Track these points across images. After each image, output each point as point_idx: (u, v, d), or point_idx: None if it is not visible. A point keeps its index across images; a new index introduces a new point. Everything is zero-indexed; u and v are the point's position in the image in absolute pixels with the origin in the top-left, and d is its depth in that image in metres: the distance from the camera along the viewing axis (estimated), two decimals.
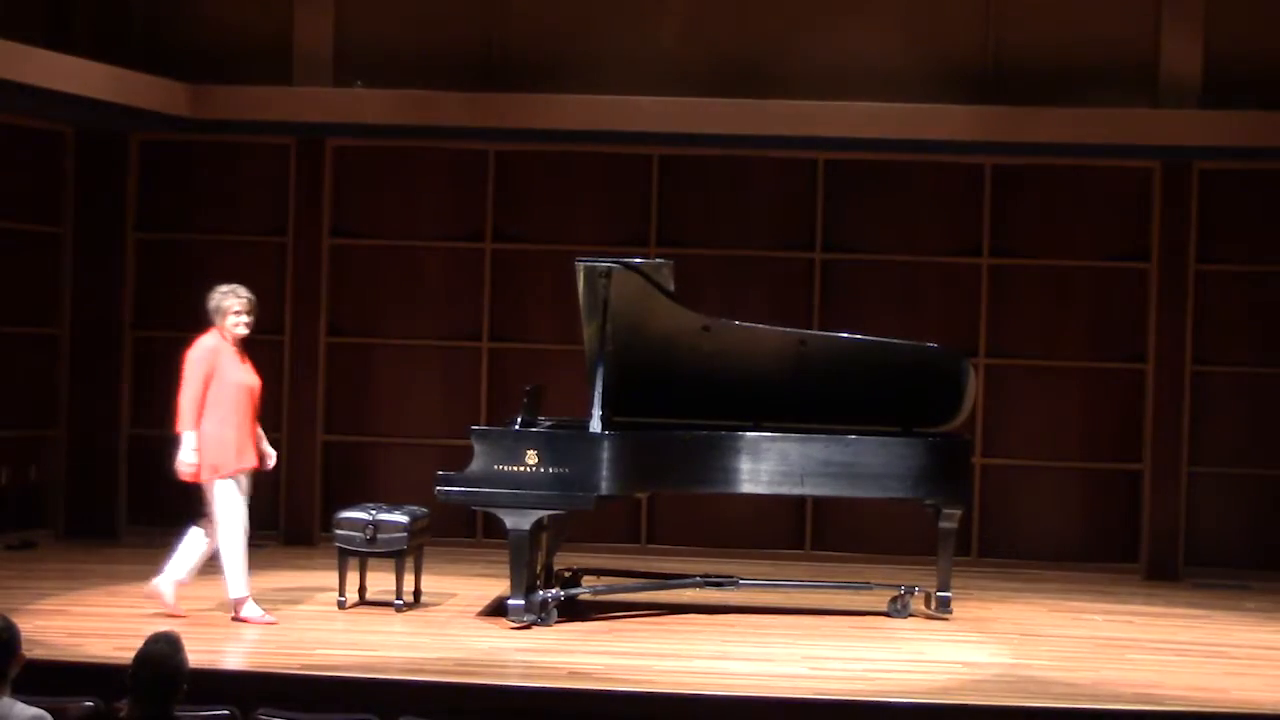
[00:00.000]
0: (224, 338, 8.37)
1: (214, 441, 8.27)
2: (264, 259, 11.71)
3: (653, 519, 11.58)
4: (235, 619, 8.38)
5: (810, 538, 11.48)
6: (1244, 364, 11.41)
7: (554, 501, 8.44)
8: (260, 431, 8.53)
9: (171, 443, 11.58)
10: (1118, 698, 7.23)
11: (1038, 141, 11.18)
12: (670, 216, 11.65)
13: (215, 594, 9.29)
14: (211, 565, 8.50)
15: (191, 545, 8.54)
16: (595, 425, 8.46)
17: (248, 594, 8.43)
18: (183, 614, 8.34)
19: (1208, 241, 11.38)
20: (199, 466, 8.27)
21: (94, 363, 11.60)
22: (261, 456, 8.50)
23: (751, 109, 11.20)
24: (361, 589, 8.96)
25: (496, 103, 11.35)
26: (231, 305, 8.36)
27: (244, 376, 8.39)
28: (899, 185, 11.60)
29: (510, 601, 8.41)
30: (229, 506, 8.32)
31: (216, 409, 8.26)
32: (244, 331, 8.39)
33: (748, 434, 8.86)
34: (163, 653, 4.60)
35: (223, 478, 8.30)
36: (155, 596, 8.47)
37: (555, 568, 9.47)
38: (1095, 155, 11.32)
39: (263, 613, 8.43)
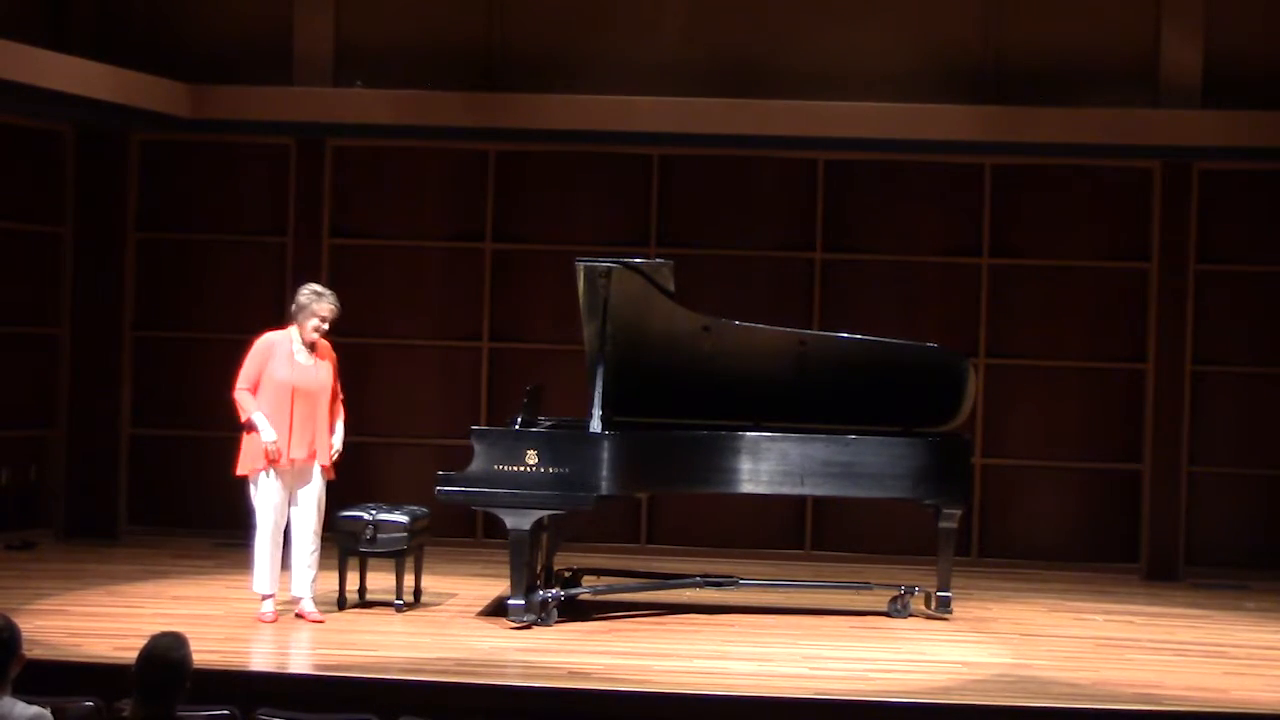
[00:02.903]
0: (301, 335, 8.49)
1: (248, 440, 8.39)
2: (264, 259, 11.72)
3: (653, 519, 11.58)
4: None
5: (810, 538, 11.49)
6: (1244, 364, 11.41)
7: (554, 501, 8.43)
8: (323, 429, 8.49)
9: (173, 443, 11.68)
10: (1118, 698, 7.22)
11: (1038, 141, 11.18)
12: (670, 216, 11.65)
13: (214, 593, 9.31)
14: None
15: (295, 554, 8.57)
16: (595, 425, 8.45)
17: (269, 592, 8.45)
18: (321, 619, 8.50)
19: (1208, 241, 11.39)
20: (247, 455, 8.39)
21: (94, 363, 11.60)
22: (316, 453, 8.46)
23: (752, 109, 11.19)
24: (361, 589, 8.96)
25: (496, 103, 11.34)
26: (321, 310, 8.49)
27: (294, 375, 8.43)
28: (899, 185, 11.60)
29: (510, 601, 8.41)
30: (260, 503, 8.40)
31: (263, 406, 8.36)
32: (317, 336, 8.52)
33: (748, 434, 8.85)
34: (168, 648, 4.60)
35: (254, 475, 8.39)
36: (304, 617, 8.51)
37: (555, 568, 9.47)
38: (1095, 155, 11.33)
39: (270, 612, 8.44)
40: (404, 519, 8.84)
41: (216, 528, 11.42)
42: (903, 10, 11.58)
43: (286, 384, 8.41)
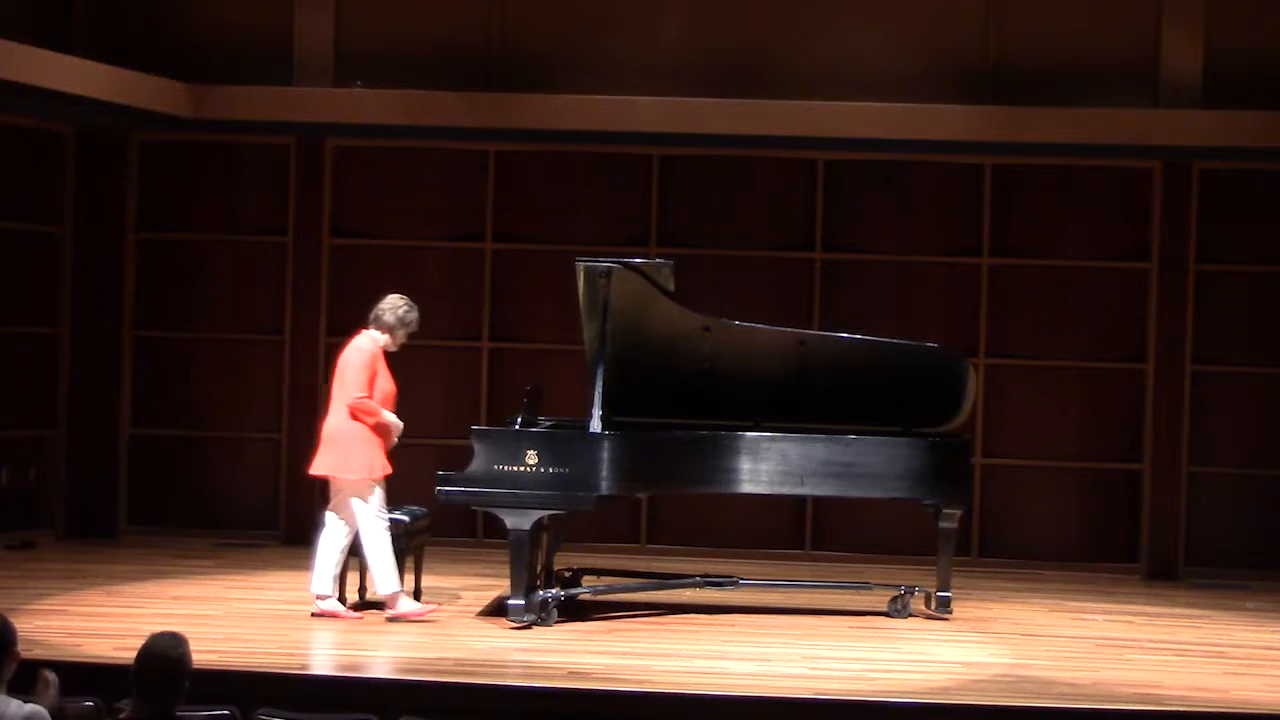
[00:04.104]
0: (389, 345, 8.64)
1: (370, 443, 8.49)
2: (264, 259, 11.71)
3: (653, 519, 11.57)
4: (392, 618, 8.48)
5: (810, 538, 11.48)
6: (1244, 364, 11.41)
7: (554, 501, 8.43)
8: None
9: (173, 443, 11.67)
10: (1118, 698, 7.22)
11: (1038, 141, 11.17)
12: (670, 216, 11.65)
13: (214, 593, 9.31)
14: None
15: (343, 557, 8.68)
16: (595, 425, 8.45)
17: (402, 589, 8.57)
18: (359, 616, 8.64)
19: (1208, 241, 11.38)
20: (358, 462, 8.49)
21: (94, 363, 11.59)
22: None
23: (751, 109, 11.19)
24: (361, 589, 8.96)
25: (496, 103, 11.34)
26: (414, 323, 8.70)
27: (391, 384, 8.66)
28: (899, 185, 11.59)
29: (510, 601, 8.41)
30: (375, 507, 8.50)
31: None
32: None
33: (748, 434, 8.85)
34: (167, 647, 4.59)
35: (374, 480, 8.48)
36: (326, 615, 8.58)
37: (555, 568, 9.47)
38: (1095, 155, 11.32)
39: (421, 606, 8.61)
40: (404, 519, 8.83)
41: (216, 528, 11.44)
42: (903, 10, 11.57)
43: (392, 393, 8.64)
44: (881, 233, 11.61)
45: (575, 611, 8.80)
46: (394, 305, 8.67)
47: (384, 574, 8.50)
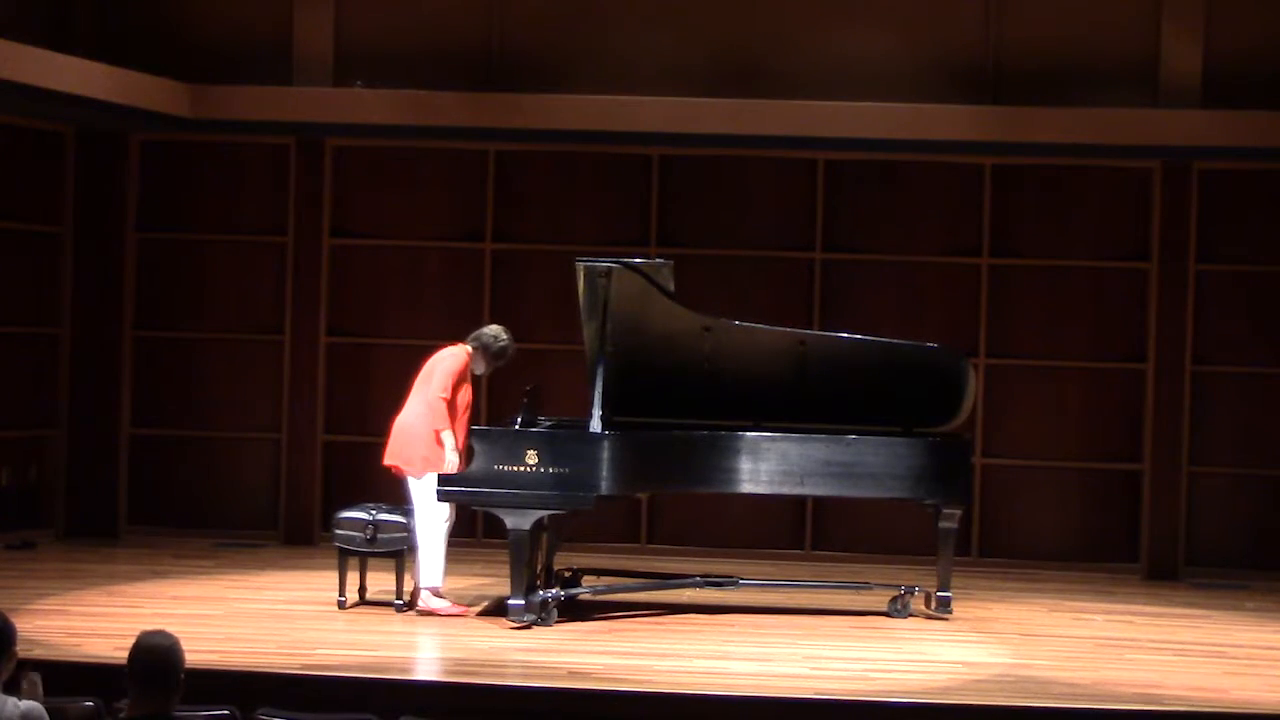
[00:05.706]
0: (475, 365, 8.94)
1: (434, 442, 8.67)
2: (264, 259, 11.71)
3: (653, 519, 11.57)
4: (421, 611, 8.63)
5: (810, 538, 11.48)
6: (1244, 364, 11.40)
7: (554, 501, 8.43)
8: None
9: (173, 442, 11.67)
10: (1118, 698, 7.23)
11: (1038, 141, 11.17)
12: (670, 216, 11.65)
13: (214, 593, 9.30)
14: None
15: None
16: (595, 425, 8.45)
17: (440, 584, 8.69)
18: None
19: (1208, 241, 11.38)
20: (427, 460, 8.70)
21: (94, 363, 11.59)
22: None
23: (751, 109, 11.19)
24: (361, 589, 8.97)
25: (496, 103, 11.34)
26: (506, 358, 9.04)
27: (470, 395, 8.97)
28: (899, 185, 11.59)
29: (510, 601, 8.41)
30: (442, 503, 8.66)
31: (459, 430, 8.75)
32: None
33: (748, 434, 8.85)
34: (157, 642, 4.58)
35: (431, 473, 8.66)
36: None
37: (555, 568, 9.46)
38: (1095, 155, 11.32)
39: (450, 604, 8.71)
40: (404, 519, 8.83)
41: (216, 528, 11.44)
42: (903, 10, 11.57)
43: (469, 403, 8.94)
44: (881, 233, 11.60)
45: (575, 611, 8.80)
46: (496, 335, 9.01)
47: (430, 567, 8.67)
